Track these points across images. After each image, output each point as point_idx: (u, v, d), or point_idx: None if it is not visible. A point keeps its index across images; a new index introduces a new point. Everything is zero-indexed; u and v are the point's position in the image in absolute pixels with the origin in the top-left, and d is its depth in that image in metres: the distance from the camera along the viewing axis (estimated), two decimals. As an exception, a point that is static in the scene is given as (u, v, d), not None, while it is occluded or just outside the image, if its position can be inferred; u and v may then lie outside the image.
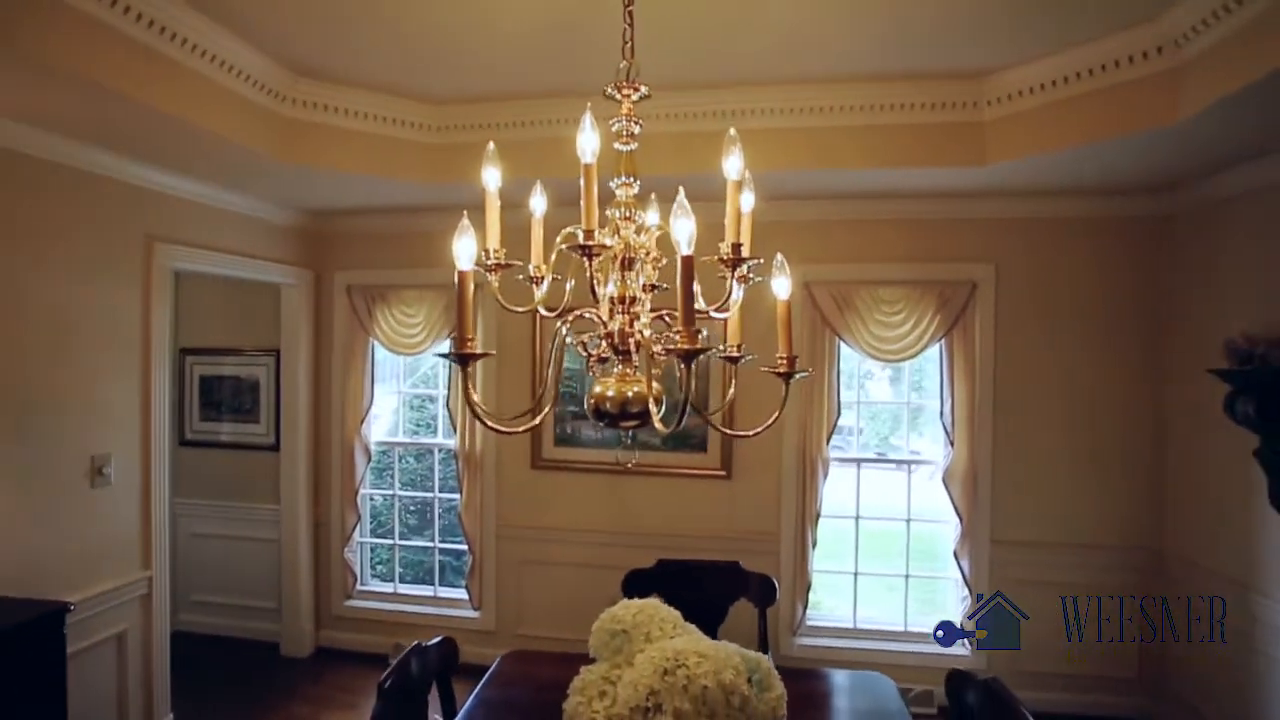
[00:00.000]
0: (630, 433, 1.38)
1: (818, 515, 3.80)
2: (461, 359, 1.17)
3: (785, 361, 1.23)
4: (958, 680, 2.00)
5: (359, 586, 4.27)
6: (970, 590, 3.63)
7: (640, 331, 1.29)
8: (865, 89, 2.81)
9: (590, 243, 1.14)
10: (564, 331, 1.42)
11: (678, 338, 1.03)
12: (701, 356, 1.06)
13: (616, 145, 1.37)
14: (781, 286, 1.25)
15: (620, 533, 3.90)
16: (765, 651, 2.57)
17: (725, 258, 1.15)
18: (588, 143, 1.13)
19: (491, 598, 4.03)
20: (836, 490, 3.86)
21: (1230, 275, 3.09)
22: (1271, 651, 2.84)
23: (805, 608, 3.81)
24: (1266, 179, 2.88)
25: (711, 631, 2.75)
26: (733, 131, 1.14)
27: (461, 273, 1.17)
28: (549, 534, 3.98)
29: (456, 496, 4.08)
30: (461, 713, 2.03)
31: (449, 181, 3.29)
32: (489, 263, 1.38)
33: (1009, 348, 3.60)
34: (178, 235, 3.29)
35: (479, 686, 2.18)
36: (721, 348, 1.45)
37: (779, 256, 1.25)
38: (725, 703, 1.19)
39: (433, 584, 4.28)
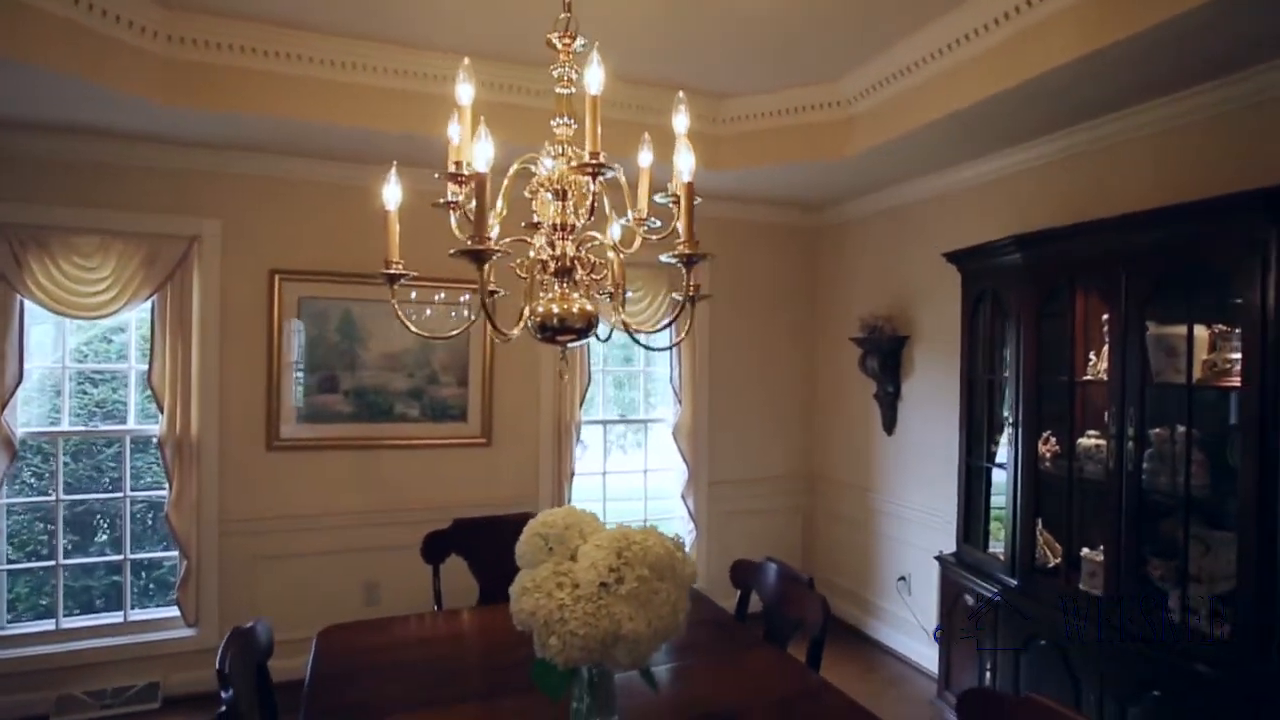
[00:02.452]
0: (563, 348, 1.52)
1: (572, 474, 4.17)
2: (478, 255, 1.19)
3: (686, 244, 1.45)
4: (742, 568, 2.56)
5: (-9, 631, 3.18)
6: (695, 524, 4.40)
7: (589, 250, 1.45)
8: (639, 91, 3.25)
9: (597, 162, 1.28)
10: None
11: (681, 245, 1.27)
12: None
13: (558, 89, 1.50)
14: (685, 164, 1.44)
15: (377, 511, 3.69)
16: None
17: (674, 197, 1.42)
18: (593, 78, 1.27)
19: (213, 608, 3.42)
20: (588, 450, 4.28)
21: (858, 273, 4.38)
22: (880, 529, 4.16)
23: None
24: (874, 209, 4.19)
25: (508, 580, 2.89)
26: (680, 94, 1.41)
27: (480, 175, 1.19)
28: (290, 523, 3.55)
29: (159, 493, 3.34)
30: (304, 697, 1.82)
31: (180, 105, 2.74)
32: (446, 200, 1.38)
33: (721, 325, 4.46)
34: None
35: (309, 669, 1.96)
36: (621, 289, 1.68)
37: (682, 130, 1.45)
38: (670, 566, 1.45)
39: (121, 608, 3.41)
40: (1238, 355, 2.18)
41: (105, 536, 3.85)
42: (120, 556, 3.42)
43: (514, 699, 1.75)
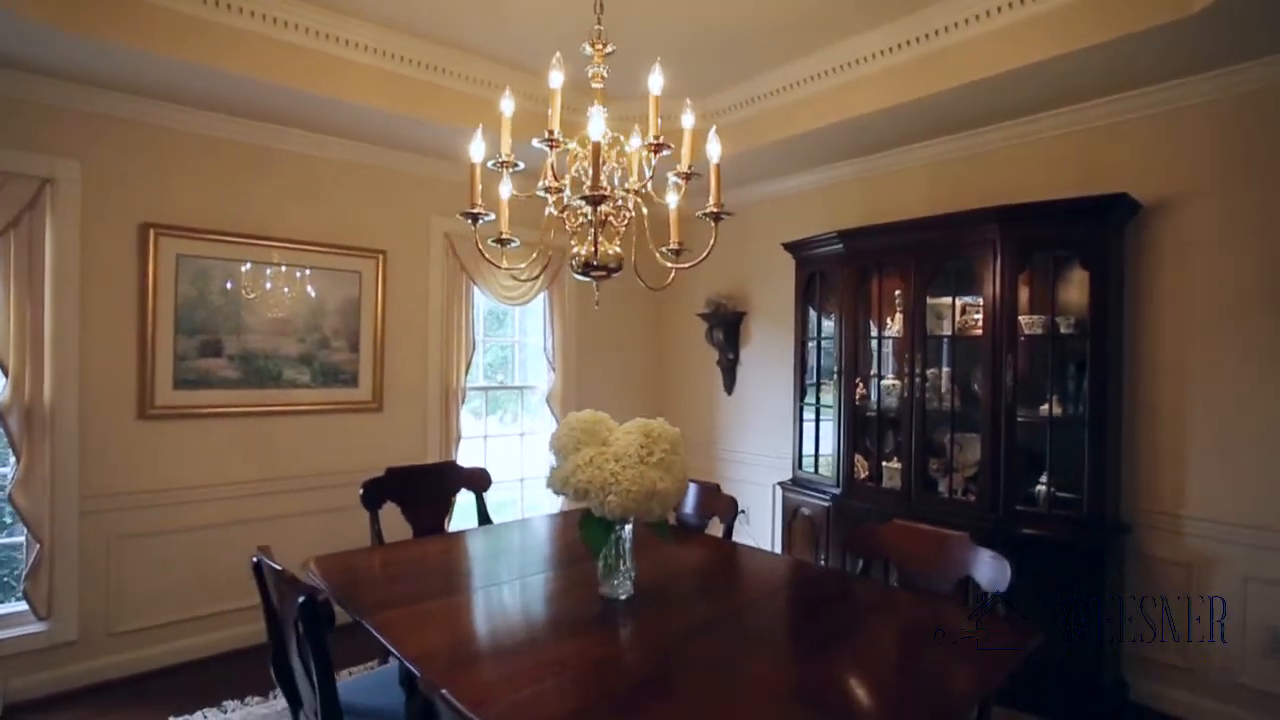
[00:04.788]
0: (598, 283, 1.95)
1: (459, 438, 4.38)
2: (595, 199, 1.57)
3: (715, 205, 2.03)
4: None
5: None
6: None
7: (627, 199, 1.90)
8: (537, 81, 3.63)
9: (659, 140, 1.73)
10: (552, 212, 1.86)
11: (714, 206, 1.79)
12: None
13: (594, 85, 1.93)
14: (714, 151, 2.01)
15: (265, 480, 3.59)
16: (489, 523, 3.15)
17: (683, 173, 1.93)
18: (654, 83, 1.72)
19: (71, 596, 3.08)
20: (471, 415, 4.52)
21: (707, 259, 5.17)
22: (722, 473, 5.01)
23: (450, 516, 4.33)
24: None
25: (439, 520, 3.13)
26: (688, 100, 1.92)
27: (596, 142, 1.57)
28: (166, 497, 3.31)
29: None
30: (339, 600, 1.96)
31: (51, 24, 2.50)
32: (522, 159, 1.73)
33: (589, 301, 4.96)
34: None
35: (326, 584, 2.07)
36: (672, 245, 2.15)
37: (713, 129, 2.03)
38: (678, 443, 1.96)
39: (-59, 605, 2.91)
40: (979, 316, 3.28)
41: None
42: (-57, 545, 2.92)
43: (497, 591, 2.12)
